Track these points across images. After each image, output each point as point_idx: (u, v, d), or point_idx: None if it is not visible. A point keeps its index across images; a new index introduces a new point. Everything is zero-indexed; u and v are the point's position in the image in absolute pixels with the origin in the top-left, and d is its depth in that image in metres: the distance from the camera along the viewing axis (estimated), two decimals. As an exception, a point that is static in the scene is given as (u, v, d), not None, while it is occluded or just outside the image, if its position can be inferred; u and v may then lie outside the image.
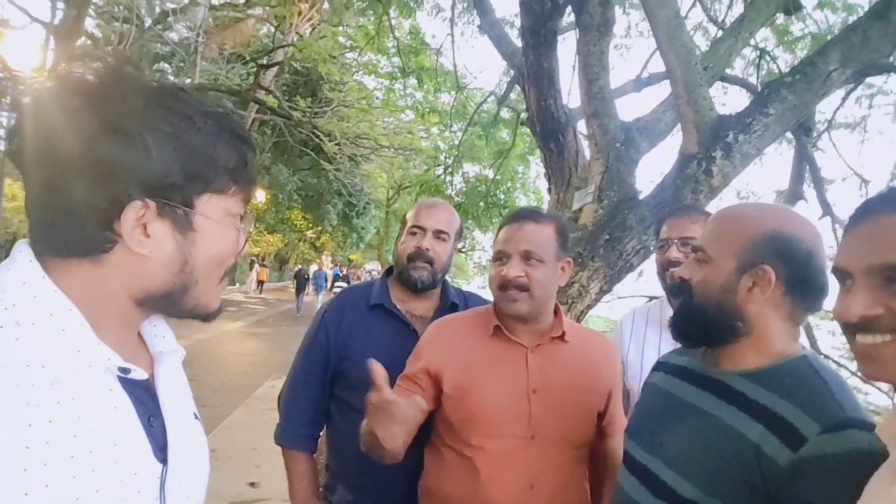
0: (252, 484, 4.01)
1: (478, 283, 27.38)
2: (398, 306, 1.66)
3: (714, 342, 1.04)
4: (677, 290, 1.09)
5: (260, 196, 23.76)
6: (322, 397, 1.67)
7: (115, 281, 0.66)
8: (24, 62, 8.13)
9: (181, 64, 15.91)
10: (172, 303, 0.69)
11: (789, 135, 4.28)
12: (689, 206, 1.87)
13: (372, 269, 30.36)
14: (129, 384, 0.67)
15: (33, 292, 0.61)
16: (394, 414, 1.16)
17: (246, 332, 12.82)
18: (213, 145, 0.67)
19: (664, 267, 1.74)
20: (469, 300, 1.77)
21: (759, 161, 6.26)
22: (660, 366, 1.24)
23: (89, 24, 12.48)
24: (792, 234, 0.98)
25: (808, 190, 4.18)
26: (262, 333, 12.64)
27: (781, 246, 0.97)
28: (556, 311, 1.47)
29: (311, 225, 27.33)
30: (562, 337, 1.44)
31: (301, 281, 19.35)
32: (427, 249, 1.62)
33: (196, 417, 0.81)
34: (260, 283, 26.55)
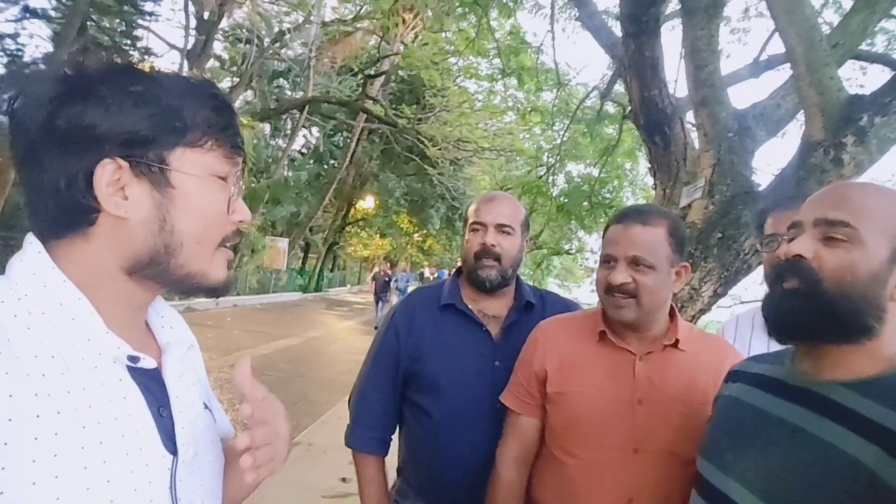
0: (343, 479, 4.09)
1: (588, 287, 26.57)
2: (469, 306, 1.60)
3: (836, 340, 0.86)
4: (789, 271, 0.89)
5: (369, 202, 24.81)
6: (393, 399, 1.65)
7: (106, 254, 0.64)
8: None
9: (296, 79, 16.97)
10: (162, 270, 0.66)
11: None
12: (796, 197, 1.67)
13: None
14: (137, 374, 0.67)
15: (43, 282, 0.62)
16: None
17: (356, 330, 13.41)
18: (179, 100, 0.65)
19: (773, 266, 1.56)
20: (546, 299, 1.69)
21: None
22: (735, 376, 1.08)
23: (217, 47, 13.70)
24: None
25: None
26: (372, 332, 13.09)
27: None
28: (673, 316, 1.37)
29: (416, 229, 28.05)
30: (675, 344, 1.33)
31: (381, 285, 15.89)
32: (493, 246, 1.54)
33: (206, 408, 0.80)
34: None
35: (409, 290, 17.28)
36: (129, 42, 12.62)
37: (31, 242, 0.65)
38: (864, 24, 2.95)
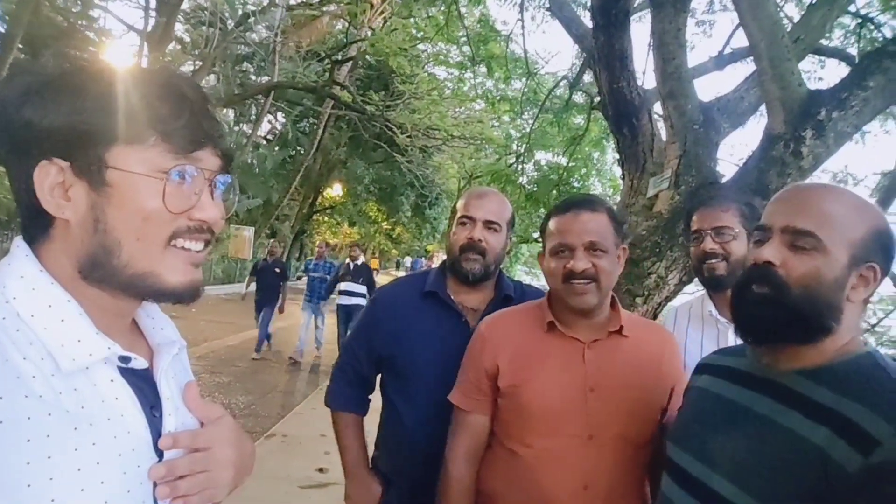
0: (321, 469, 4.12)
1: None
2: (452, 297, 1.64)
3: (800, 341, 0.92)
4: (759, 277, 0.93)
5: (337, 189, 24.54)
6: (368, 368, 1.73)
7: (63, 258, 0.64)
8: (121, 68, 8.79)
9: (262, 63, 16.60)
10: (108, 272, 0.63)
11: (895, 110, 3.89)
12: (719, 195, 1.77)
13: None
14: (129, 374, 0.66)
15: (31, 285, 0.62)
16: None
17: (327, 320, 13.23)
18: (120, 96, 0.62)
19: (700, 260, 1.67)
20: (526, 292, 1.71)
21: (859, 140, 5.75)
22: (703, 368, 1.14)
23: (178, 29, 13.26)
24: (892, 232, 0.91)
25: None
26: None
27: (887, 243, 0.90)
28: (614, 304, 1.41)
29: (385, 217, 27.88)
30: (619, 331, 1.37)
31: (268, 279, 8.91)
32: (479, 241, 1.58)
33: None
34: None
35: (324, 286, 8.66)
36: (84, 23, 12.11)
37: (19, 246, 0.65)
38: (824, 20, 3.05)
